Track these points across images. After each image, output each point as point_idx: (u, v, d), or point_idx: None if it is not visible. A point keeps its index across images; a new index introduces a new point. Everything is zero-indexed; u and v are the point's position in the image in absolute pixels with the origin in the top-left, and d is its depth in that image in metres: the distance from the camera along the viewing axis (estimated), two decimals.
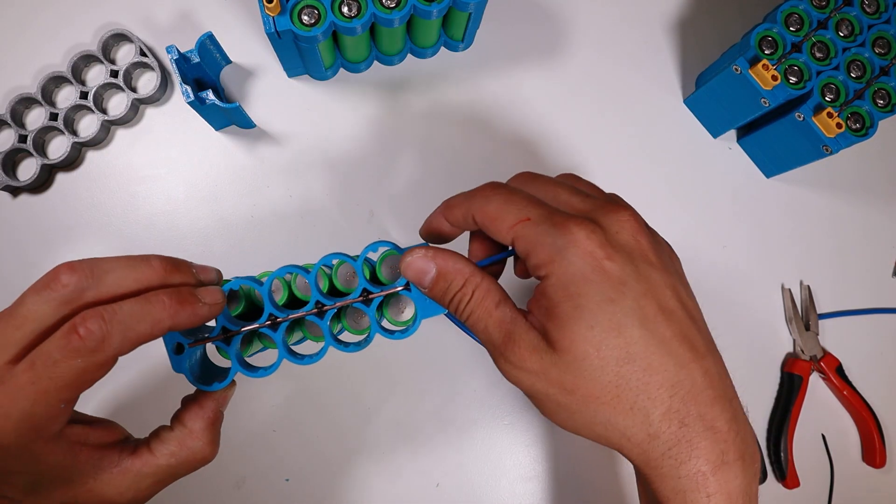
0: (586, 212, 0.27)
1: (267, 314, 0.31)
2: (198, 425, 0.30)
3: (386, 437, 0.46)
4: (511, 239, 0.27)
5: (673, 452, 0.24)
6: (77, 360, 0.24)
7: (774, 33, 0.45)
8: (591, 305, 0.25)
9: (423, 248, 0.29)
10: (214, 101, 0.43)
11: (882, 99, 0.45)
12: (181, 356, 0.30)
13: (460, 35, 0.48)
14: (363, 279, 0.32)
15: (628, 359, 0.25)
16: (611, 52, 0.52)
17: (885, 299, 0.51)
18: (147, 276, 0.27)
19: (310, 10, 0.41)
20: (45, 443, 0.25)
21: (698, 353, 0.26)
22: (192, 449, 0.30)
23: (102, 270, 0.26)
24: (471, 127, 0.50)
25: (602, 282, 0.25)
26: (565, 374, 0.25)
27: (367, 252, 0.32)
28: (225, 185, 0.48)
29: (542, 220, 0.26)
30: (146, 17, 0.50)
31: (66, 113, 0.46)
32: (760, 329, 0.50)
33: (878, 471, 0.48)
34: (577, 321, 0.25)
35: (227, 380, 0.31)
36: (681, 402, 0.24)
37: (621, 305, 0.25)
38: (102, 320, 0.24)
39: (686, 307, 0.27)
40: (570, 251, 0.25)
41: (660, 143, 0.51)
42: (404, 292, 0.32)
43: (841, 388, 0.48)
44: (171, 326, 0.26)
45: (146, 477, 0.28)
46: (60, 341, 0.24)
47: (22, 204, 0.47)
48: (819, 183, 0.52)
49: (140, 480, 0.28)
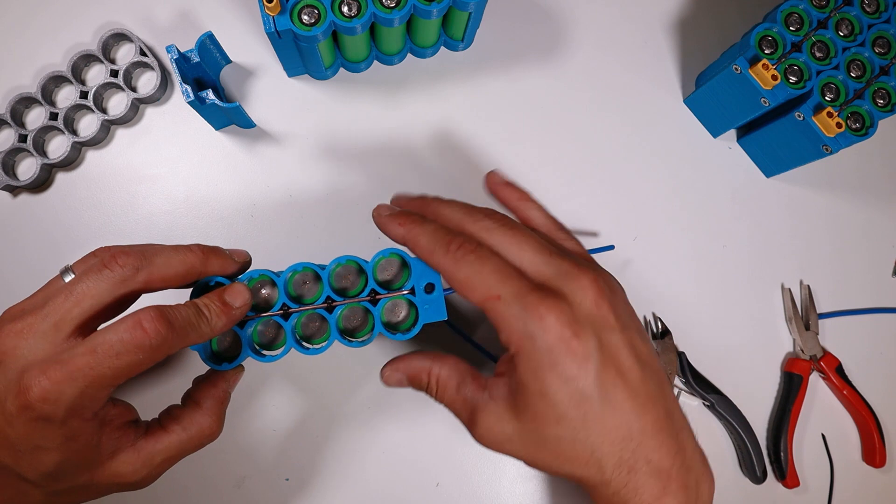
0: (551, 279, 0.29)
1: (280, 304, 0.33)
2: (208, 403, 0.32)
3: (386, 437, 0.46)
4: (481, 307, 0.29)
5: (622, 493, 0.28)
6: (139, 356, 0.26)
7: (774, 33, 0.45)
8: (557, 385, 0.28)
9: (391, 363, 0.33)
10: (214, 100, 0.43)
11: (882, 98, 0.45)
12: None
13: (460, 35, 0.48)
14: (373, 281, 0.34)
15: (585, 425, 0.28)
16: (611, 52, 0.52)
17: (885, 299, 0.51)
18: (190, 259, 0.29)
19: (310, 10, 0.41)
20: (82, 422, 0.27)
21: (649, 403, 0.29)
22: (202, 426, 0.31)
23: (152, 253, 0.28)
24: (471, 126, 0.50)
25: (568, 361, 0.27)
26: (528, 440, 0.29)
27: (378, 257, 0.34)
28: (225, 185, 0.48)
29: (513, 300, 0.28)
30: (146, 16, 0.50)
31: (66, 112, 0.46)
32: (760, 329, 0.50)
33: (878, 471, 0.48)
34: (542, 398, 0.28)
35: (237, 361, 0.33)
36: (631, 454, 0.28)
37: (584, 381, 0.28)
38: (169, 324, 0.26)
39: (641, 359, 0.29)
40: (540, 337, 0.27)
41: (660, 143, 0.51)
42: (409, 296, 0.33)
43: (841, 387, 0.48)
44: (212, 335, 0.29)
45: (159, 454, 0.30)
46: (125, 335, 0.25)
47: (22, 204, 0.47)
48: (819, 183, 0.52)
49: (153, 458, 0.30)
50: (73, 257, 0.46)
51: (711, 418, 0.48)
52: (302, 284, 0.34)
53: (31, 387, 0.25)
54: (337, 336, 0.33)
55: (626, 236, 0.50)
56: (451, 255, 0.29)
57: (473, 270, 0.29)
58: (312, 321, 0.34)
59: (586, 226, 0.50)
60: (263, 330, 0.34)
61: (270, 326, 0.34)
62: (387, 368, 0.33)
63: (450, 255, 0.29)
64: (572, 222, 0.50)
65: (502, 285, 0.28)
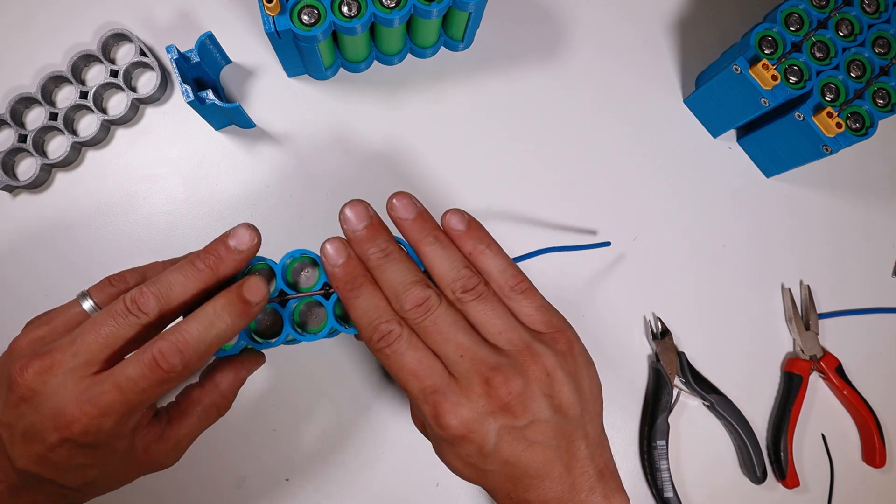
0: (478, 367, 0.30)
1: (278, 290, 0.34)
2: (226, 386, 0.33)
3: (386, 436, 0.46)
4: None
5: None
6: (161, 388, 0.28)
7: (774, 33, 0.45)
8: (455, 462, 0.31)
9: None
10: (214, 100, 0.43)
11: (882, 98, 0.45)
12: None
13: (460, 35, 0.48)
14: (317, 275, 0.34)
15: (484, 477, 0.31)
16: (611, 52, 0.52)
17: (885, 299, 0.51)
18: (202, 279, 0.30)
19: (310, 10, 0.41)
20: (121, 439, 0.29)
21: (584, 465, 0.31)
22: (220, 406, 0.34)
23: (168, 288, 0.29)
24: (471, 126, 0.50)
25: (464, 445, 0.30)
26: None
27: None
28: (225, 185, 0.48)
29: (422, 399, 0.30)
30: (146, 16, 0.50)
31: (66, 112, 0.46)
32: (760, 329, 0.50)
33: (878, 471, 0.48)
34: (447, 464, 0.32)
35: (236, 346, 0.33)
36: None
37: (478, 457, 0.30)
38: (181, 353, 0.28)
39: (590, 443, 0.31)
40: (439, 434, 0.30)
41: (660, 143, 0.51)
42: None
43: (841, 387, 0.48)
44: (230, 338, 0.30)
45: (185, 438, 0.33)
46: (146, 371, 0.27)
47: (22, 204, 0.47)
48: (819, 183, 0.52)
49: (180, 442, 0.33)
50: (72, 257, 0.46)
51: (711, 418, 0.48)
52: (300, 272, 0.35)
53: (72, 423, 0.27)
54: (333, 322, 0.33)
55: (626, 236, 0.50)
56: (373, 343, 0.31)
57: (392, 363, 0.31)
58: (311, 309, 0.34)
59: (586, 226, 0.50)
60: (261, 318, 0.34)
61: (267, 314, 0.34)
62: None
63: (372, 342, 0.31)
64: (572, 222, 0.50)
65: (413, 381, 0.30)
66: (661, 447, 0.46)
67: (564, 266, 0.48)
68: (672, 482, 0.45)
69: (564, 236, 0.49)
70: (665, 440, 0.46)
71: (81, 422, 0.27)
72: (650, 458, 0.46)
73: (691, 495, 0.47)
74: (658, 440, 0.46)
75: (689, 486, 0.47)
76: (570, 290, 0.48)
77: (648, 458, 0.46)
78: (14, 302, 0.46)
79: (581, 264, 0.49)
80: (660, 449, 0.46)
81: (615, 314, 0.49)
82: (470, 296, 0.31)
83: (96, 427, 0.27)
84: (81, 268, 0.46)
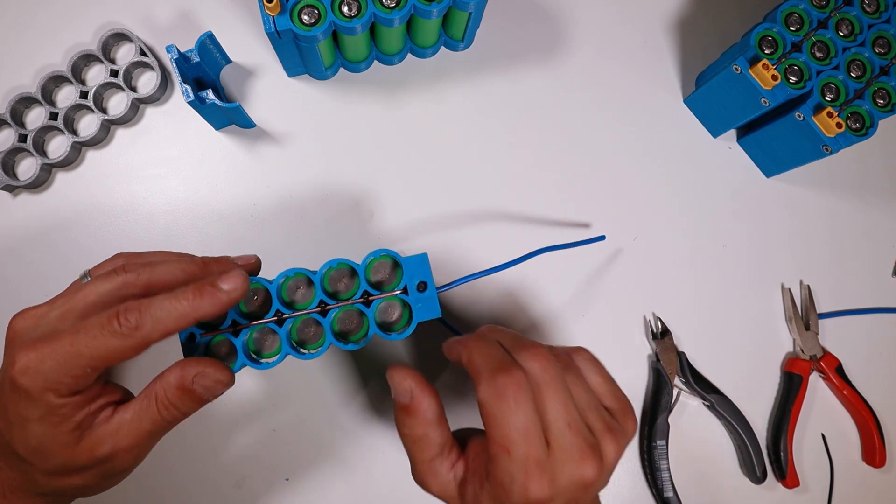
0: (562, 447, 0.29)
1: (274, 310, 0.33)
2: (172, 378, 0.31)
3: (386, 436, 0.46)
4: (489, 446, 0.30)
5: None
6: (112, 340, 0.28)
7: (774, 33, 0.45)
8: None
9: (413, 375, 0.31)
10: (214, 100, 0.43)
11: (882, 98, 0.45)
12: (193, 345, 0.33)
13: (460, 35, 0.48)
14: (365, 283, 0.34)
15: None
16: (611, 52, 0.52)
17: (885, 299, 0.51)
18: (191, 268, 0.31)
19: (310, 10, 0.41)
20: (57, 396, 0.29)
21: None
22: (160, 400, 0.31)
23: (156, 262, 0.31)
24: (471, 126, 0.50)
25: None
26: None
27: (370, 259, 0.34)
28: (225, 185, 0.48)
29: (516, 465, 0.29)
30: (146, 16, 0.50)
31: (66, 112, 0.46)
32: (760, 329, 0.50)
33: (878, 471, 0.48)
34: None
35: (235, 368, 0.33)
36: None
37: None
38: (139, 313, 0.28)
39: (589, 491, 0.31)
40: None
41: (660, 143, 0.51)
42: (402, 296, 0.33)
43: (841, 387, 0.48)
44: (196, 318, 0.29)
45: (126, 426, 0.30)
46: (102, 320, 0.28)
47: (22, 203, 0.47)
48: (819, 183, 0.52)
49: (122, 428, 0.30)
50: (72, 257, 0.46)
51: (711, 418, 0.48)
52: (296, 290, 0.34)
53: (16, 361, 0.28)
54: (332, 339, 0.33)
55: (626, 236, 0.50)
56: (493, 385, 0.29)
57: (505, 411, 0.29)
58: (308, 326, 0.34)
59: (586, 226, 0.49)
60: (259, 338, 0.34)
61: (266, 334, 0.34)
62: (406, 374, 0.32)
63: (493, 384, 0.29)
64: (572, 221, 0.50)
65: (519, 444, 0.29)
66: (661, 447, 0.46)
67: (565, 266, 0.48)
68: (672, 482, 0.45)
69: (564, 235, 0.49)
70: (665, 440, 0.46)
71: (23, 359, 0.28)
72: (650, 458, 0.46)
73: (691, 495, 0.47)
74: (658, 440, 0.46)
75: (689, 486, 0.47)
76: (570, 290, 0.48)
77: (648, 458, 0.46)
78: (14, 302, 0.46)
79: (581, 264, 0.49)
80: (660, 449, 0.46)
81: (615, 314, 0.49)
82: None
83: (35, 367, 0.27)
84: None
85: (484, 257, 0.48)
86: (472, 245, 0.48)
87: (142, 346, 0.29)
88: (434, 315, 0.34)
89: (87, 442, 0.30)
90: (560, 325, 0.48)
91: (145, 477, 0.44)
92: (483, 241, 0.48)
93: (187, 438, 0.44)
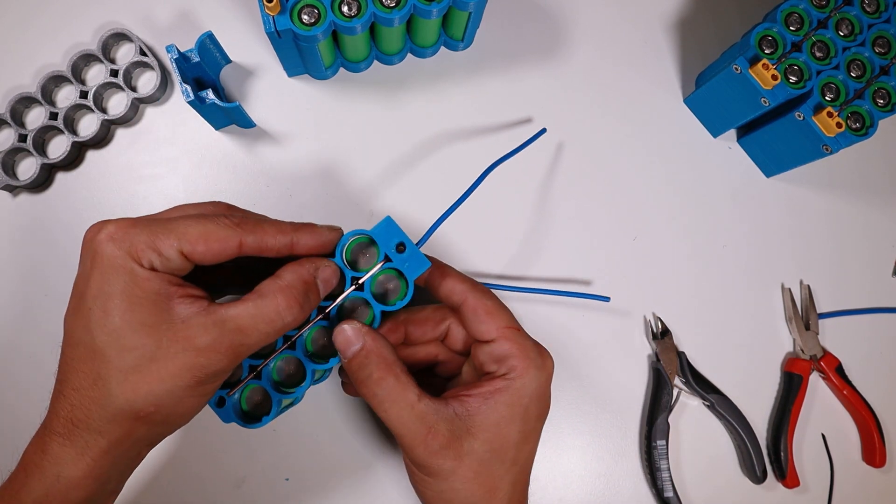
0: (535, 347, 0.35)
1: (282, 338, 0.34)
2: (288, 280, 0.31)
3: (386, 436, 0.46)
4: (497, 336, 0.34)
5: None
6: (209, 224, 0.29)
7: (774, 33, 0.45)
8: (531, 416, 0.33)
9: (358, 324, 0.33)
10: (214, 100, 0.43)
11: (882, 98, 0.45)
12: (224, 408, 0.34)
13: (460, 34, 0.48)
14: (347, 269, 0.34)
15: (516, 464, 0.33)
16: (611, 52, 0.52)
17: (885, 299, 0.51)
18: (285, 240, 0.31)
19: (310, 10, 0.41)
20: (140, 267, 0.28)
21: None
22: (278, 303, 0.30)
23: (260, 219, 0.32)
24: (471, 126, 0.50)
25: (542, 404, 0.34)
26: (475, 461, 0.31)
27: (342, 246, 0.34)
28: (225, 185, 0.48)
29: (527, 337, 0.34)
30: (146, 16, 0.50)
31: (66, 112, 0.46)
32: (760, 329, 0.50)
33: (878, 471, 0.48)
34: (515, 421, 0.32)
35: (270, 415, 0.34)
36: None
37: (541, 423, 0.35)
38: (244, 215, 0.32)
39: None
40: (542, 373, 0.33)
41: (660, 143, 0.51)
42: (387, 264, 0.34)
43: (841, 387, 0.48)
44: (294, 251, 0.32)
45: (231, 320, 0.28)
46: (203, 210, 0.31)
47: (22, 203, 0.47)
48: (819, 183, 0.52)
49: (225, 322, 0.28)
50: (72, 257, 0.46)
51: (711, 418, 0.48)
52: (359, 253, 0.36)
53: (103, 228, 0.28)
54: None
55: (626, 236, 0.50)
56: (478, 286, 0.35)
57: (499, 304, 0.35)
58: (321, 336, 0.35)
59: (587, 226, 0.50)
60: (282, 366, 0.35)
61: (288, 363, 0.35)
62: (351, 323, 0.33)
63: (477, 287, 0.35)
64: (571, 221, 0.50)
65: (517, 324, 0.35)
66: (661, 447, 0.46)
67: (565, 266, 0.48)
68: (672, 482, 0.45)
69: (563, 235, 0.49)
70: (665, 440, 0.46)
71: (109, 228, 0.28)
72: (650, 458, 0.46)
73: (691, 495, 0.47)
74: (658, 440, 0.46)
75: (689, 486, 0.47)
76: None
77: (648, 458, 0.46)
78: (14, 302, 0.46)
79: (581, 265, 0.49)
80: (660, 449, 0.46)
81: (615, 314, 0.49)
82: None
83: (122, 233, 0.27)
84: None
85: (485, 258, 0.48)
86: (473, 245, 0.48)
87: (235, 247, 0.29)
88: (425, 265, 0.34)
89: (183, 329, 0.27)
90: (560, 324, 0.48)
91: (144, 476, 0.44)
92: (483, 241, 0.48)
93: (187, 439, 0.45)
